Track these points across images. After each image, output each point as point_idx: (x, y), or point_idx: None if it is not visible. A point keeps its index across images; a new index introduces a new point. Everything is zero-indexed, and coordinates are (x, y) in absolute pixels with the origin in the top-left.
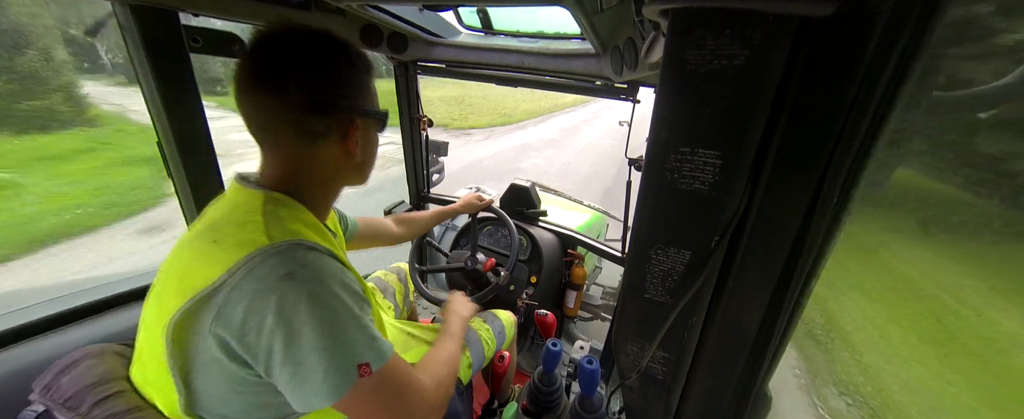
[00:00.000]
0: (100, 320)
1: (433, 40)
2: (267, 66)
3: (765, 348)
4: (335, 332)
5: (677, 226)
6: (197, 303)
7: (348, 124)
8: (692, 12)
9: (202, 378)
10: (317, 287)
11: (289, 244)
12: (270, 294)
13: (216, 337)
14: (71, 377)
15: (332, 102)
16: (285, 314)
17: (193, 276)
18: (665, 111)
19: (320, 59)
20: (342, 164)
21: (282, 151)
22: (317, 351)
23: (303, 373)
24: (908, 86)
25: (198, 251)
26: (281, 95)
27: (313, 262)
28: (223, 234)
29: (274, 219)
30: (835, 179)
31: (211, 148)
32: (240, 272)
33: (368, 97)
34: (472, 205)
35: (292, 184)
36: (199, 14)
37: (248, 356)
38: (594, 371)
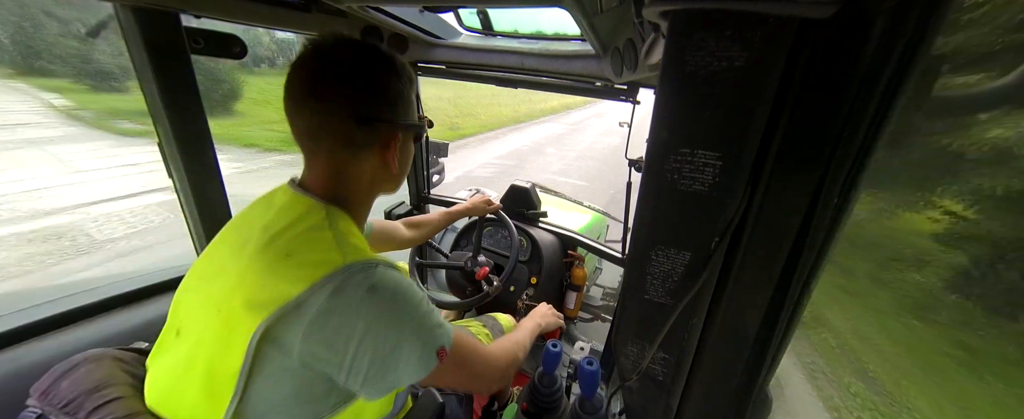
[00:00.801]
0: (100, 321)
1: (433, 41)
2: (319, 77)
3: (765, 348)
4: (417, 328)
5: (677, 227)
6: (285, 316)
7: (390, 137)
8: (692, 14)
9: (266, 386)
10: (398, 293)
11: (366, 263)
12: (359, 307)
13: (304, 350)
14: (70, 382)
15: (377, 116)
16: (373, 323)
17: (273, 290)
18: (665, 112)
19: (369, 73)
20: (379, 175)
21: (326, 159)
22: (402, 345)
23: (389, 365)
24: (908, 87)
25: (270, 263)
26: (331, 106)
27: (388, 275)
28: (294, 248)
29: (342, 237)
30: (835, 179)
31: (212, 149)
32: (326, 289)
33: (409, 110)
34: (479, 208)
35: (339, 193)
36: (200, 16)
37: (331, 365)
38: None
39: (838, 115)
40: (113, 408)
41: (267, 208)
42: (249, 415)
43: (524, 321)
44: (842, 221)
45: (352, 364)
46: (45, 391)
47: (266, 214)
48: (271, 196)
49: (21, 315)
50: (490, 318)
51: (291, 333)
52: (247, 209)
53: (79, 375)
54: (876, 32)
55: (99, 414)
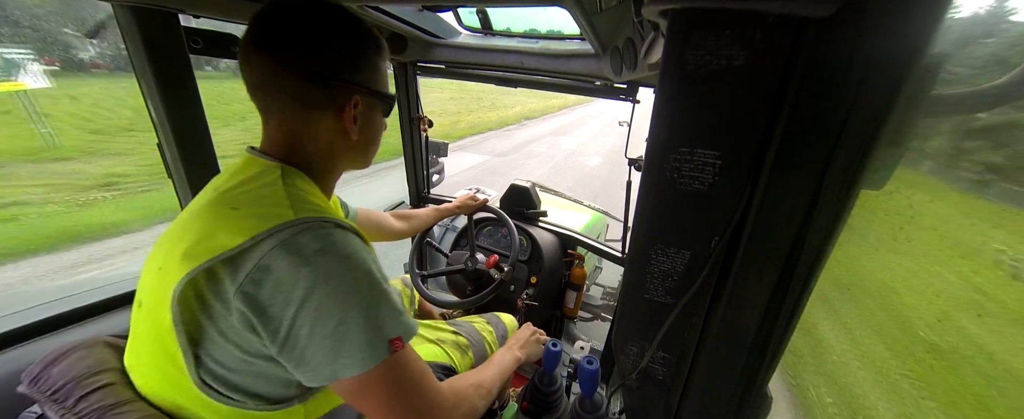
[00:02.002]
0: (101, 321)
1: (433, 41)
2: (272, 27)
3: (765, 348)
4: (368, 305)
5: (677, 226)
6: (217, 267)
7: (346, 100)
8: (691, 12)
9: (214, 345)
10: (349, 263)
11: (318, 220)
12: (301, 267)
13: (237, 306)
14: (60, 368)
15: (332, 73)
16: (316, 289)
17: (210, 240)
18: (665, 111)
19: (326, 28)
20: (338, 142)
21: (280, 118)
22: (347, 323)
23: (330, 346)
24: (908, 86)
25: (213, 216)
26: (280, 57)
27: (342, 239)
28: (242, 202)
29: (295, 193)
30: (835, 179)
31: (211, 149)
32: (268, 242)
33: (375, 77)
34: (467, 205)
35: (297, 156)
36: (199, 16)
37: (266, 330)
38: (594, 371)
39: (838, 114)
40: (102, 395)
41: (224, 174)
42: (213, 384)
43: (502, 352)
44: (842, 220)
45: (288, 335)
46: (36, 378)
47: (219, 178)
48: (230, 164)
49: (21, 315)
50: (494, 317)
51: (224, 287)
52: (212, 181)
53: (69, 362)
54: (876, 30)
55: (87, 401)
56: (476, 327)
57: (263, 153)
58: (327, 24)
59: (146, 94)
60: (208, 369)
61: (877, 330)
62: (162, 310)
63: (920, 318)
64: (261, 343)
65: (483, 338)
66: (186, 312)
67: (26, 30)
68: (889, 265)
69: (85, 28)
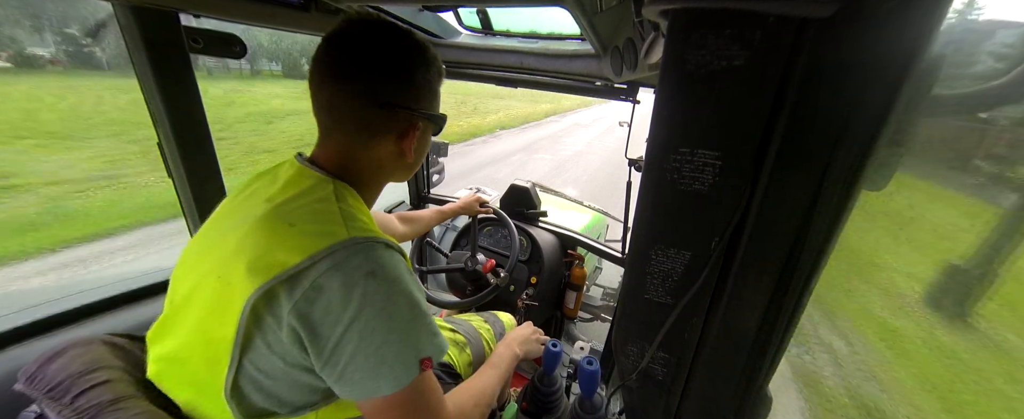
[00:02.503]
0: (100, 320)
1: (432, 41)
2: (347, 55)
3: (765, 348)
4: (408, 327)
5: (677, 227)
6: (279, 285)
7: (408, 125)
8: (692, 12)
9: (259, 354)
10: (396, 286)
11: (368, 240)
12: (353, 289)
13: (290, 322)
14: (57, 366)
15: (399, 103)
16: (365, 310)
17: (270, 257)
18: (665, 111)
19: (397, 58)
20: (392, 162)
21: (341, 138)
22: (389, 344)
23: (370, 365)
24: (908, 86)
25: (271, 231)
26: (354, 86)
27: (390, 261)
28: (297, 218)
29: (348, 212)
30: (835, 179)
31: (211, 149)
32: (324, 262)
33: (433, 102)
34: (471, 207)
35: (350, 172)
36: (200, 15)
37: (314, 346)
38: (594, 372)
39: (838, 114)
40: (100, 391)
41: (272, 182)
42: (245, 389)
43: (500, 349)
44: (842, 221)
45: (334, 352)
46: (32, 375)
47: (271, 187)
48: (276, 170)
49: (21, 315)
50: (491, 315)
51: (282, 304)
52: (248, 182)
53: (66, 359)
54: (876, 31)
55: (85, 398)
56: (474, 325)
57: (315, 165)
58: (398, 53)
59: (146, 93)
60: (248, 375)
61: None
62: (222, 320)
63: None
64: (305, 357)
65: (481, 336)
66: (249, 325)
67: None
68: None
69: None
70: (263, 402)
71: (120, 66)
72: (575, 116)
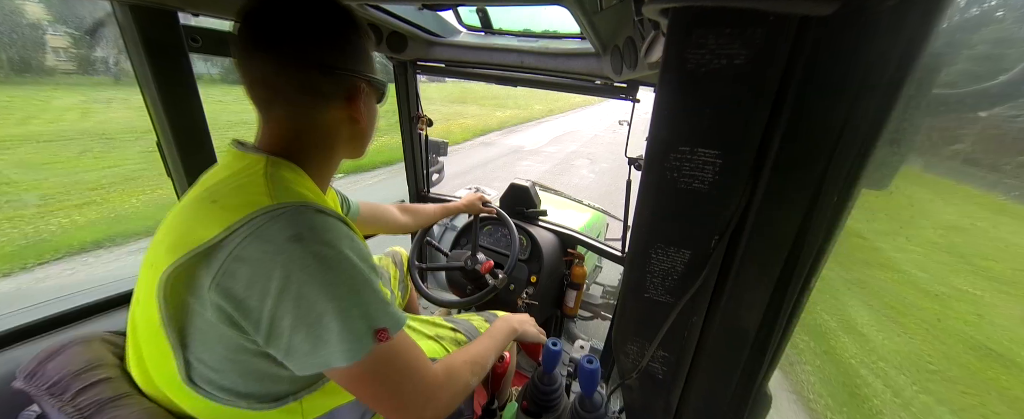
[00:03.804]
0: (100, 320)
1: (432, 40)
2: (272, 24)
3: (765, 348)
4: (350, 294)
5: (677, 225)
6: (193, 259)
7: (354, 88)
8: (692, 11)
9: (198, 343)
10: (327, 249)
11: (295, 205)
12: (276, 256)
13: (213, 300)
14: (56, 364)
15: (340, 65)
16: (293, 277)
17: (189, 234)
18: (665, 110)
19: (325, 19)
20: (345, 130)
21: (283, 114)
22: (331, 313)
23: (315, 335)
24: (908, 86)
25: (194, 211)
26: (286, 52)
27: (321, 224)
28: (222, 194)
29: (277, 181)
30: (835, 179)
31: (211, 148)
32: (242, 231)
33: (371, 64)
34: (474, 206)
35: (293, 149)
36: (199, 14)
37: (247, 322)
38: (594, 370)
39: (838, 113)
40: (100, 389)
41: (212, 170)
42: (200, 382)
43: (498, 322)
44: (841, 220)
45: (271, 327)
46: (31, 373)
47: (212, 176)
48: (222, 158)
49: (21, 315)
50: (491, 314)
51: (202, 282)
52: (201, 177)
53: (65, 357)
54: (876, 30)
55: (85, 395)
56: (474, 324)
57: (252, 147)
58: (324, 16)
59: (145, 92)
60: (197, 370)
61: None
62: (152, 307)
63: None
64: (244, 338)
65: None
66: (171, 308)
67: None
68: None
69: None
70: (223, 396)
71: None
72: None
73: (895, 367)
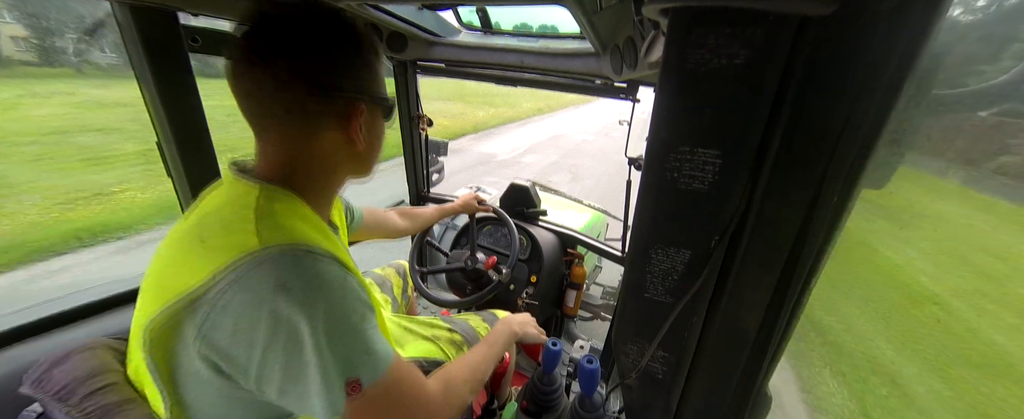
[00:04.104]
0: (100, 320)
1: (432, 39)
2: (264, 42)
3: (765, 348)
4: (331, 346)
5: (677, 225)
6: (179, 311)
7: (351, 109)
8: (692, 11)
9: (189, 389)
10: (315, 297)
11: (282, 248)
12: (261, 306)
13: (199, 352)
14: (62, 370)
15: (334, 84)
16: (279, 328)
17: (174, 278)
18: (665, 110)
19: (321, 37)
20: (343, 153)
21: (278, 137)
22: (314, 366)
23: (303, 386)
24: (908, 85)
25: (183, 249)
26: (276, 71)
27: (309, 270)
28: (210, 232)
29: (266, 217)
30: (835, 179)
31: (211, 148)
32: (226, 279)
33: (374, 82)
34: (470, 205)
35: (290, 175)
36: (198, 14)
37: (236, 372)
38: (594, 370)
39: (838, 113)
40: (107, 394)
41: (212, 196)
42: (190, 413)
43: (498, 326)
44: (842, 220)
45: (260, 377)
46: (37, 379)
47: (211, 201)
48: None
49: (21, 314)
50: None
51: (187, 332)
52: (206, 191)
53: (72, 363)
54: (876, 30)
55: (92, 400)
56: (471, 324)
57: (249, 174)
58: (323, 33)
59: (145, 92)
60: (187, 410)
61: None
62: (137, 347)
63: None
64: (234, 386)
65: (478, 335)
66: (157, 356)
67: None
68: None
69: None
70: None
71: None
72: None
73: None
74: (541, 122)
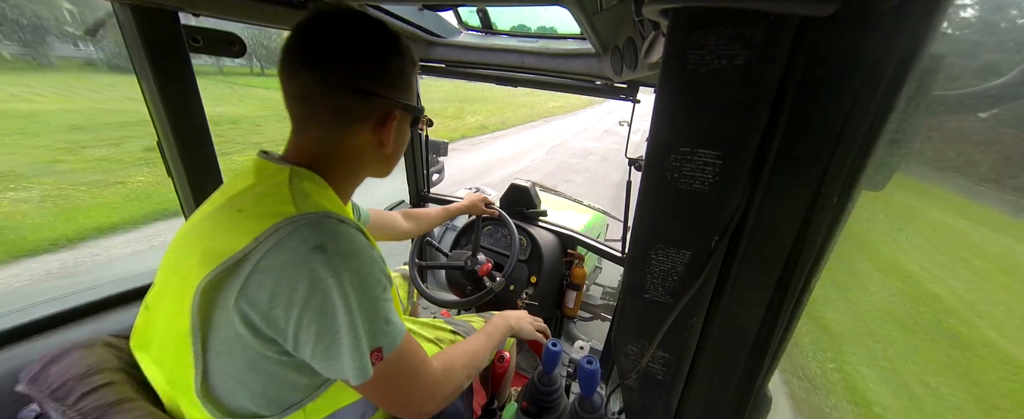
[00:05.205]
0: (100, 319)
1: (433, 40)
2: (317, 43)
3: (765, 348)
4: (361, 310)
5: (677, 226)
6: (223, 272)
7: (386, 114)
8: (692, 12)
9: (222, 354)
10: (348, 261)
11: (318, 215)
12: (301, 266)
13: (240, 312)
14: (59, 368)
15: (374, 90)
16: (317, 287)
17: (217, 245)
18: (665, 111)
19: (369, 45)
20: (371, 153)
21: (315, 129)
22: (345, 329)
23: (335, 348)
24: (908, 86)
25: (220, 221)
26: (325, 72)
27: (344, 235)
28: (247, 203)
29: (300, 191)
30: (835, 179)
31: (211, 148)
32: (268, 241)
33: (409, 91)
34: (476, 206)
35: (318, 163)
36: (199, 14)
37: (274, 332)
38: (594, 371)
39: (838, 114)
40: (104, 393)
41: (236, 179)
42: (218, 389)
43: (495, 319)
44: (842, 220)
45: (297, 335)
46: (34, 377)
47: (231, 182)
48: (241, 169)
49: (20, 314)
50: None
51: (229, 294)
52: (224, 185)
53: (69, 361)
54: (876, 30)
55: (89, 399)
56: (474, 326)
57: (278, 158)
58: (370, 41)
59: (146, 93)
60: (217, 375)
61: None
62: (181, 316)
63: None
64: (268, 348)
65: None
66: (202, 319)
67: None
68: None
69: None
70: (241, 402)
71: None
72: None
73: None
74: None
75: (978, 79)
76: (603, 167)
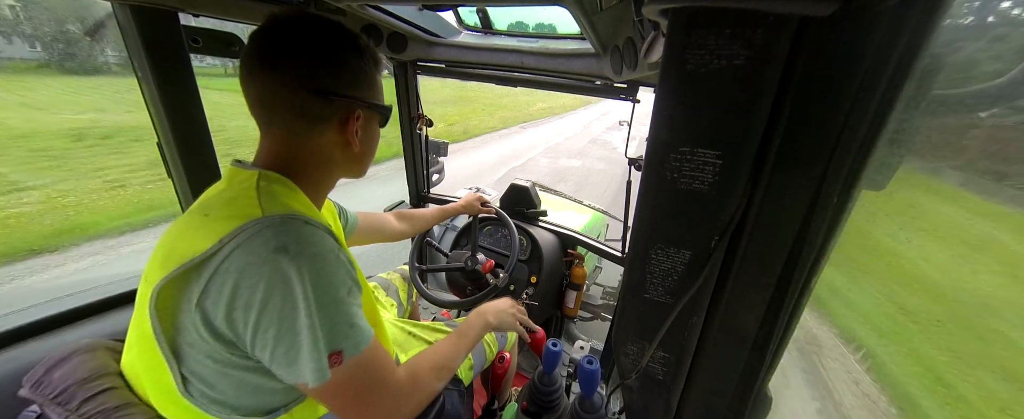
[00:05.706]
0: (99, 320)
1: (433, 40)
2: (274, 46)
3: (765, 348)
4: (321, 312)
5: (677, 226)
6: (185, 273)
7: (348, 114)
8: (692, 12)
9: (191, 358)
10: (311, 263)
11: (283, 217)
12: (263, 267)
13: (202, 313)
14: (62, 372)
15: (334, 90)
16: (277, 289)
17: (181, 247)
18: (665, 111)
19: (326, 45)
20: (339, 153)
21: (280, 132)
22: (305, 331)
23: (294, 351)
24: (908, 86)
25: (188, 224)
26: (283, 74)
27: (308, 237)
28: (214, 207)
29: (268, 194)
30: (835, 179)
31: (211, 148)
32: (231, 243)
33: (372, 90)
34: (473, 206)
35: (288, 166)
36: (199, 14)
37: (233, 333)
38: (594, 371)
39: (838, 114)
40: (105, 398)
41: (213, 187)
42: (196, 397)
43: (471, 317)
44: (841, 220)
45: (254, 337)
46: (37, 382)
47: (210, 192)
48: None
49: (20, 315)
50: None
51: (191, 296)
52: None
53: (71, 366)
54: (876, 30)
55: (91, 404)
56: None
57: (249, 164)
58: (327, 41)
59: (146, 93)
60: (192, 384)
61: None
62: (144, 320)
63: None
64: (233, 353)
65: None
66: (163, 322)
67: None
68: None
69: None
70: (217, 410)
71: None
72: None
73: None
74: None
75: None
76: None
